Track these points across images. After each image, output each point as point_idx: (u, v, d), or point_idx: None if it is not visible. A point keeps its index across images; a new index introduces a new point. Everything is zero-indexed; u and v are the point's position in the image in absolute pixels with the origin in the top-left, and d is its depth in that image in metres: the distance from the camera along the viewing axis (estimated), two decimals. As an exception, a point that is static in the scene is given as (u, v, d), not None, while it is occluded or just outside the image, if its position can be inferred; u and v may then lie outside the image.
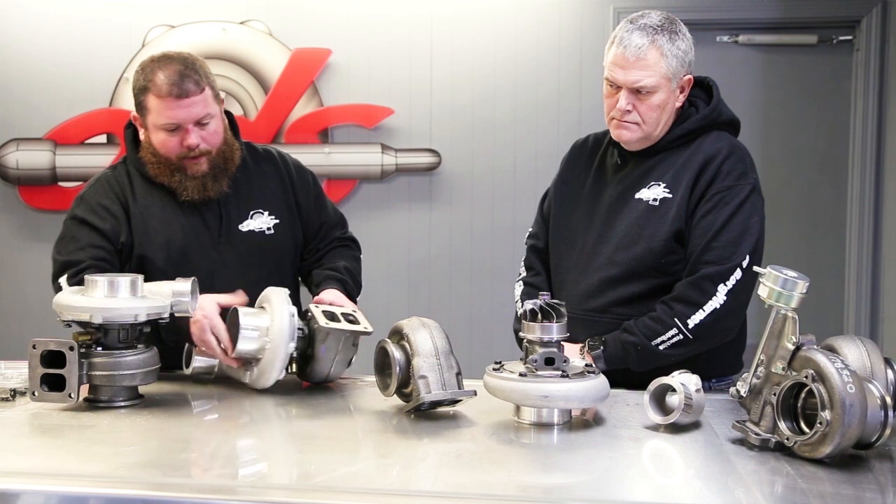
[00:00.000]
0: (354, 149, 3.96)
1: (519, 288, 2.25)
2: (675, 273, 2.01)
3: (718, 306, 1.93)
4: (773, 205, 3.86)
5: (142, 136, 2.14)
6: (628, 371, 1.93)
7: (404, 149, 3.95)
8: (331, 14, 3.96)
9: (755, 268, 1.53)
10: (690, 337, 1.92)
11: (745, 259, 1.95)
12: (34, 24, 3.99)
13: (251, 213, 2.20)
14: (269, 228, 2.21)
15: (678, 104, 2.07)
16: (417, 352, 1.63)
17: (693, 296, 1.94)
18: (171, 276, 1.92)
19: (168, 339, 1.93)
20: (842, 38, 3.86)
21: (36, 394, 1.66)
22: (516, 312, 2.21)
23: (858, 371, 1.40)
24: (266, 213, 2.21)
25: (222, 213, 2.16)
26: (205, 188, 2.11)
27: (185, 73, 2.05)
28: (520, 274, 2.29)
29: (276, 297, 1.84)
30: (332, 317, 1.83)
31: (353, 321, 1.85)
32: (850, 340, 1.51)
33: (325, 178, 3.98)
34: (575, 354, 1.88)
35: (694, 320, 1.92)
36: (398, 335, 1.69)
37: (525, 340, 1.63)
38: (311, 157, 3.95)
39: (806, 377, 1.36)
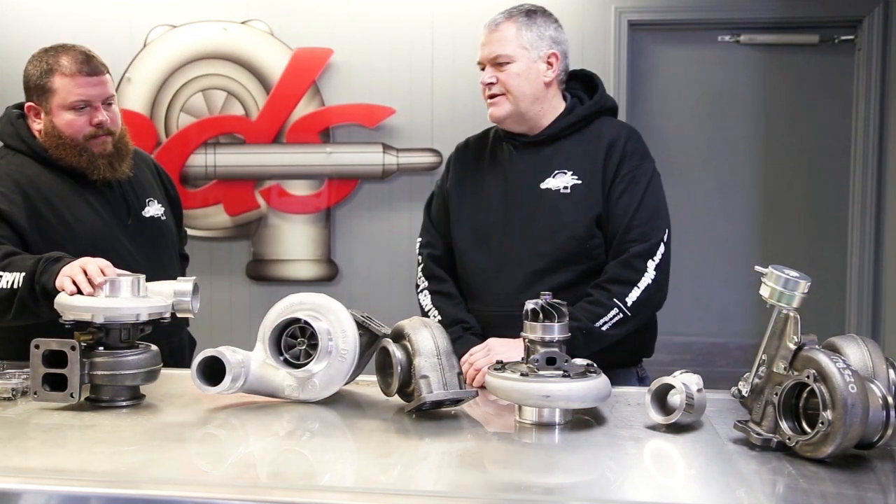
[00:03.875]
0: (356, 148, 3.96)
1: (426, 297, 2.21)
2: (597, 257, 2.08)
3: (650, 282, 2.02)
4: (774, 204, 3.92)
5: (37, 126, 2.17)
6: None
7: (405, 148, 3.95)
8: (332, 14, 3.96)
9: (756, 267, 1.53)
10: (629, 314, 2.01)
11: (664, 234, 2.07)
12: (35, 23, 3.99)
13: (147, 200, 2.31)
14: (161, 215, 2.34)
15: (546, 79, 2.12)
16: (419, 351, 1.63)
17: (627, 275, 2.02)
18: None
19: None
20: (843, 37, 3.85)
21: (38, 393, 1.66)
22: None
23: (860, 371, 1.40)
24: (156, 202, 2.34)
25: (127, 199, 2.25)
26: (112, 167, 2.19)
27: (90, 55, 2.17)
28: (418, 286, 2.25)
29: (338, 308, 1.75)
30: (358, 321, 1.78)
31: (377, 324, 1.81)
32: (852, 340, 1.51)
33: (327, 177, 3.98)
34: (514, 348, 1.83)
35: (631, 298, 2.01)
36: (399, 335, 1.69)
37: (526, 340, 1.63)
38: (312, 156, 3.97)
39: (807, 377, 1.36)
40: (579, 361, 1.65)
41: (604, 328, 1.99)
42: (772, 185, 3.93)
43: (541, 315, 1.61)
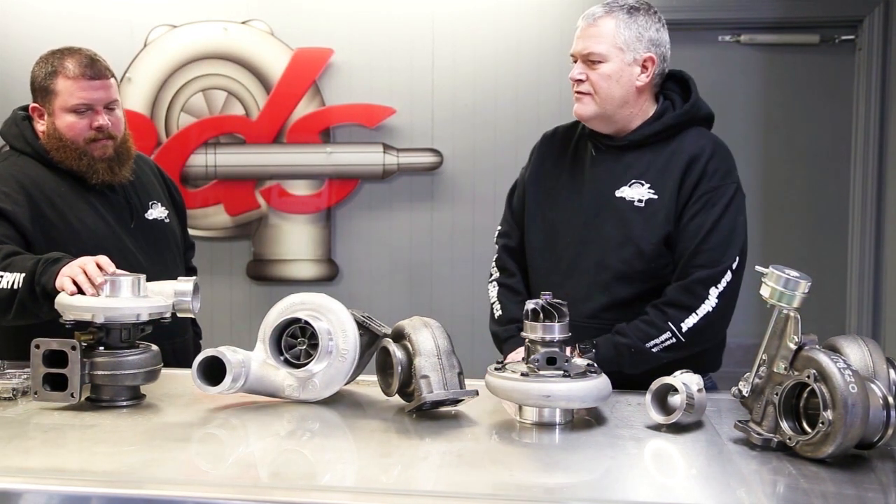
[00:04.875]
0: (356, 148, 3.96)
1: (494, 289, 2.19)
2: (662, 277, 1.99)
3: (711, 309, 1.92)
4: (774, 205, 3.92)
5: (41, 127, 2.18)
6: (619, 374, 1.89)
7: (406, 148, 3.95)
8: (332, 14, 3.96)
9: (757, 267, 1.53)
10: (683, 340, 1.92)
11: (734, 261, 1.95)
12: (36, 23, 3.99)
13: (150, 203, 2.30)
14: (165, 218, 2.33)
15: (639, 83, 2.01)
16: (419, 351, 1.63)
17: (686, 300, 1.93)
18: None
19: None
20: (844, 37, 3.85)
21: (38, 393, 1.66)
22: (493, 314, 2.17)
23: (860, 371, 1.40)
24: (160, 205, 2.33)
25: (129, 201, 2.25)
26: (112, 171, 2.18)
27: (95, 59, 2.17)
28: (491, 275, 2.22)
29: (339, 308, 1.74)
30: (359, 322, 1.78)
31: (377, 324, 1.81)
32: (852, 340, 1.51)
33: (327, 177, 3.98)
34: None
35: (687, 324, 1.92)
36: (400, 335, 1.69)
37: (527, 340, 1.63)
38: (312, 156, 3.97)
39: (808, 377, 1.36)
40: (579, 361, 1.65)
41: (654, 349, 1.92)
42: (771, 185, 3.93)
43: (541, 315, 1.61)
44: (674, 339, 1.92)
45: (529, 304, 1.61)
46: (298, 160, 3.97)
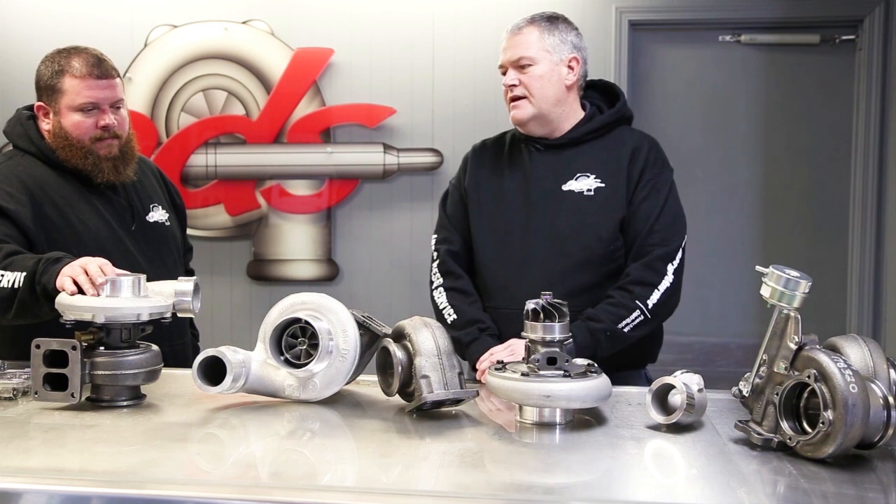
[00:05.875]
0: (356, 148, 3.96)
1: (442, 295, 2.23)
2: (616, 261, 2.12)
3: (669, 285, 2.07)
4: (775, 204, 3.92)
5: (46, 126, 2.18)
6: (592, 359, 1.91)
7: (406, 148, 3.95)
8: (333, 14, 3.96)
9: (757, 267, 1.53)
10: (650, 316, 2.05)
11: (682, 240, 2.13)
12: (36, 22, 4.00)
13: (151, 205, 2.31)
14: (166, 221, 2.34)
15: (567, 82, 2.16)
16: (419, 351, 1.63)
17: (649, 277, 2.06)
18: None
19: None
20: (844, 37, 3.85)
21: (38, 393, 1.66)
22: (444, 320, 2.19)
23: (861, 371, 1.40)
24: (161, 208, 2.34)
25: (131, 203, 2.25)
26: (117, 170, 2.18)
27: (102, 59, 2.18)
28: (433, 282, 2.27)
29: (339, 307, 1.74)
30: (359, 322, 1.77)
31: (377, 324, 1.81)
32: (853, 340, 1.51)
33: (327, 177, 3.98)
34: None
35: (652, 300, 2.06)
36: (400, 335, 1.69)
37: (527, 340, 1.63)
38: (312, 156, 3.97)
39: (808, 377, 1.36)
40: (580, 361, 1.65)
41: (626, 329, 2.04)
42: (772, 185, 3.93)
43: (541, 315, 1.61)
44: (642, 317, 2.05)
45: (530, 304, 1.62)
46: (299, 160, 3.97)
